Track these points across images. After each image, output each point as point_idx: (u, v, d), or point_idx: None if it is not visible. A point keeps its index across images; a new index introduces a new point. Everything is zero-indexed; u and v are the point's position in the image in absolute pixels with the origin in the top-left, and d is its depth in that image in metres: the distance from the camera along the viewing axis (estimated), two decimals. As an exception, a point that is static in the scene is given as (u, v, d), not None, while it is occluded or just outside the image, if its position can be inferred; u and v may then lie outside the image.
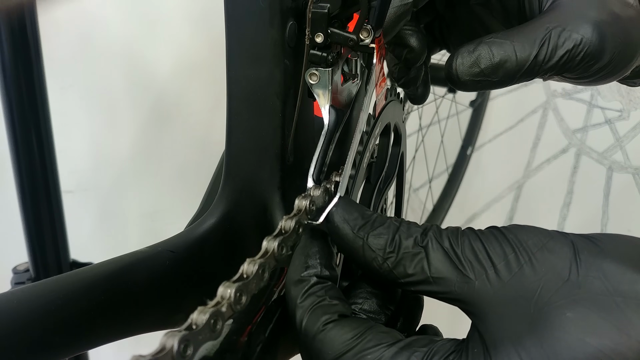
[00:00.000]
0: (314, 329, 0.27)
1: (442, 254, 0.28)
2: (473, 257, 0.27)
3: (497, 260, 0.27)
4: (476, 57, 0.32)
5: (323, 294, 0.29)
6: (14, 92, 0.63)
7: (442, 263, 0.28)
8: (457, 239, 0.28)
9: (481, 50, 0.32)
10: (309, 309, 0.28)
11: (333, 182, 0.34)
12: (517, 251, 0.27)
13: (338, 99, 0.37)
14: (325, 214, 0.32)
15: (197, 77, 1.11)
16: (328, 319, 0.28)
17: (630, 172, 1.07)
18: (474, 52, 0.32)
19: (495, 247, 0.27)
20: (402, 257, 0.28)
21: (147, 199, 1.16)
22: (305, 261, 0.30)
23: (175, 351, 0.22)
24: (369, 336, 0.27)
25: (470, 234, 0.29)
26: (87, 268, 0.33)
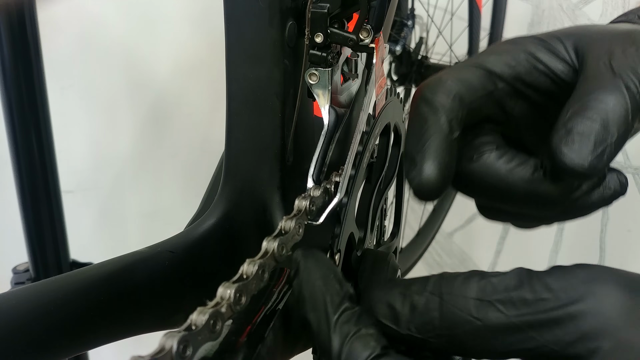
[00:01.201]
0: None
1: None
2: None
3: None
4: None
5: (356, 321, 0.27)
6: (14, 92, 0.63)
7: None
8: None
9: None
10: (347, 342, 0.27)
11: (333, 182, 0.34)
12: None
13: (338, 99, 0.37)
14: (325, 214, 0.32)
15: (197, 77, 1.11)
16: (371, 354, 0.26)
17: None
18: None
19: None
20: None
21: (147, 199, 1.16)
22: (326, 286, 0.28)
23: (174, 352, 0.22)
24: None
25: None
26: (87, 268, 0.33)
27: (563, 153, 0.27)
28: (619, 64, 0.29)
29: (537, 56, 0.32)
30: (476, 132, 0.33)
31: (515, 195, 0.31)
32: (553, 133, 0.28)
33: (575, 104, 0.28)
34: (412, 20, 0.97)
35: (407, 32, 0.94)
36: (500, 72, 0.32)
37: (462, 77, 0.31)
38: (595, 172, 0.27)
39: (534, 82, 0.32)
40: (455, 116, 0.30)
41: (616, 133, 0.27)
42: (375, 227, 0.41)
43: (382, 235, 0.44)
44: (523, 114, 0.33)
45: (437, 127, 0.30)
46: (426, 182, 0.29)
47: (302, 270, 0.29)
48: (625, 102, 0.28)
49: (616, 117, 0.27)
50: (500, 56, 0.32)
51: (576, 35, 0.32)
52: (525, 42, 0.32)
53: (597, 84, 0.28)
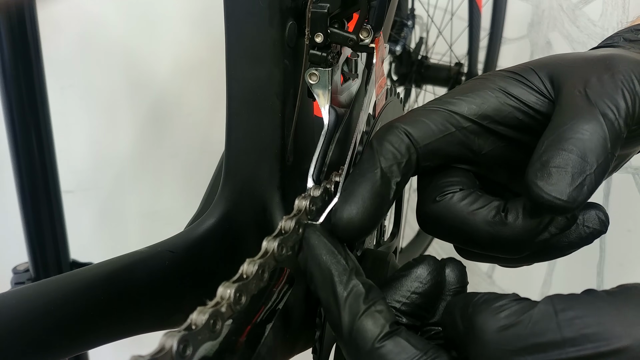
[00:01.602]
0: (369, 345, 0.26)
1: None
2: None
3: None
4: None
5: (365, 298, 0.27)
6: (14, 92, 0.63)
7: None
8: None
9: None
10: (358, 320, 0.27)
11: (333, 182, 0.34)
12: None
13: (338, 99, 0.37)
14: (325, 214, 0.32)
15: (197, 77, 1.11)
16: (380, 332, 0.26)
17: (630, 172, 1.06)
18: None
19: None
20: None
21: (147, 199, 1.16)
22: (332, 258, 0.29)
23: (174, 351, 0.22)
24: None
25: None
26: (86, 268, 0.33)
27: (539, 187, 0.26)
28: (594, 92, 0.28)
29: (509, 91, 0.31)
30: (445, 173, 0.32)
31: (479, 238, 0.30)
32: (528, 168, 0.27)
33: (550, 136, 0.28)
34: (412, 20, 0.97)
35: (407, 32, 0.94)
36: (465, 112, 0.31)
37: (417, 120, 0.31)
38: (576, 204, 0.26)
39: (505, 118, 0.31)
40: (398, 163, 0.30)
41: (595, 163, 0.26)
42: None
43: (382, 235, 0.44)
44: (496, 152, 0.32)
45: (369, 177, 0.30)
46: (342, 223, 0.29)
47: (308, 245, 0.30)
48: (602, 131, 0.27)
49: (594, 147, 0.27)
50: (466, 96, 0.32)
51: (550, 64, 0.32)
52: (495, 78, 0.32)
53: (573, 114, 0.28)
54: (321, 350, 0.33)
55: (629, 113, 0.28)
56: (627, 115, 0.28)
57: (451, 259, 0.33)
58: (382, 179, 0.30)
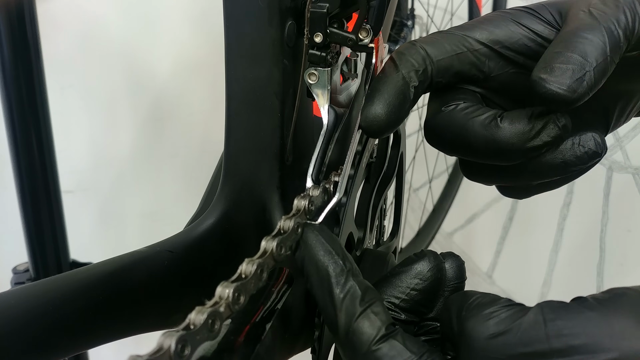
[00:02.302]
0: (365, 348, 0.27)
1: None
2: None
3: None
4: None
5: (361, 299, 0.28)
6: (14, 92, 0.63)
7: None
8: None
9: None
10: (354, 322, 0.27)
11: (332, 182, 0.34)
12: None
13: (337, 99, 0.37)
14: (324, 214, 0.32)
15: (197, 76, 1.11)
16: (376, 334, 0.27)
17: (630, 172, 1.06)
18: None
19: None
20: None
21: (147, 199, 1.16)
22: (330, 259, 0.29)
23: (172, 351, 0.22)
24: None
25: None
26: (86, 268, 0.33)
27: (543, 79, 0.28)
28: (597, 9, 0.31)
29: (520, 20, 0.33)
30: (454, 90, 0.34)
31: (474, 142, 0.32)
32: (535, 67, 0.29)
33: (555, 43, 0.30)
34: (412, 20, 0.97)
35: (407, 32, 0.94)
36: (478, 37, 0.33)
37: (434, 40, 0.34)
38: (576, 96, 0.28)
39: (515, 44, 0.33)
40: (415, 70, 0.32)
41: (594, 62, 0.29)
42: (374, 227, 0.41)
43: (382, 235, 0.44)
44: (504, 77, 0.34)
45: (392, 78, 0.32)
46: (372, 119, 0.31)
47: (306, 245, 0.30)
48: (602, 36, 0.29)
49: (594, 49, 0.29)
50: (480, 24, 0.34)
51: (561, 2, 0.34)
52: (510, 11, 0.34)
53: (577, 26, 0.30)
54: (320, 350, 0.33)
55: (628, 27, 0.30)
56: (626, 28, 0.30)
57: (450, 253, 0.33)
58: (403, 81, 0.32)
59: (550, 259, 1.20)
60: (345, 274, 0.28)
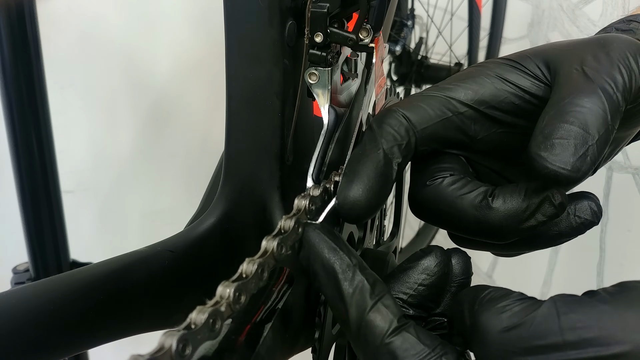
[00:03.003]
0: (378, 341, 0.27)
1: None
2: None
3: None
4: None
5: (371, 293, 0.27)
6: (14, 92, 0.63)
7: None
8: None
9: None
10: (365, 316, 0.27)
11: (333, 182, 0.34)
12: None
13: (337, 99, 0.37)
14: (324, 214, 0.32)
15: (197, 76, 1.11)
16: (389, 327, 0.27)
17: (630, 172, 1.06)
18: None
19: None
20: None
21: (147, 199, 1.16)
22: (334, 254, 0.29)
23: (173, 350, 0.22)
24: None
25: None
26: (86, 268, 0.33)
27: (543, 158, 0.26)
28: (591, 69, 0.29)
29: (505, 77, 0.32)
30: (438, 159, 0.33)
31: (466, 222, 0.31)
32: (531, 142, 0.28)
33: (551, 111, 0.28)
34: (412, 20, 0.97)
35: (407, 32, 0.94)
36: (461, 98, 0.32)
37: (415, 105, 0.32)
38: (580, 174, 0.26)
39: (501, 103, 0.31)
40: (398, 144, 0.31)
41: (597, 134, 0.27)
42: (374, 227, 0.41)
43: (382, 235, 0.44)
44: (492, 137, 0.33)
45: (372, 156, 0.30)
46: (351, 205, 0.30)
47: (309, 244, 0.30)
48: (602, 103, 0.27)
49: (594, 119, 0.27)
50: (463, 82, 0.32)
51: (545, 51, 0.32)
52: (491, 65, 0.32)
53: (572, 89, 0.28)
54: (321, 350, 0.33)
55: (626, 87, 0.28)
56: (624, 90, 0.28)
57: (456, 249, 0.33)
58: (385, 159, 0.30)
59: (550, 259, 1.19)
60: (352, 268, 0.28)
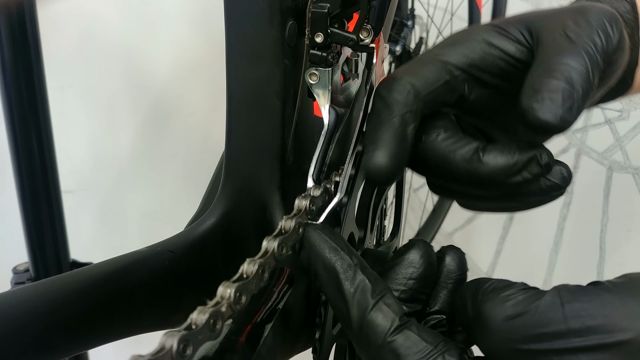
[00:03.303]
0: (380, 340, 0.27)
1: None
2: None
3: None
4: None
5: (372, 292, 0.28)
6: (14, 92, 0.63)
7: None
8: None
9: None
10: (367, 315, 0.27)
11: (333, 182, 0.34)
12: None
13: (338, 99, 0.37)
14: (325, 214, 0.32)
15: (197, 76, 1.11)
16: (390, 326, 0.27)
17: (630, 172, 1.06)
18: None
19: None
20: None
21: (147, 199, 1.16)
22: (336, 253, 0.29)
23: (174, 351, 0.22)
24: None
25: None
26: (86, 268, 0.33)
27: (535, 109, 0.29)
28: (573, 32, 0.31)
29: (491, 41, 0.34)
30: (432, 116, 0.34)
31: (457, 174, 0.32)
32: (522, 96, 0.30)
33: (539, 69, 0.30)
34: (412, 20, 0.97)
35: (407, 32, 0.94)
36: (455, 62, 0.33)
37: (417, 72, 0.33)
38: (566, 124, 0.29)
39: (489, 66, 0.34)
40: (409, 110, 0.32)
41: (580, 89, 0.29)
42: (375, 227, 0.41)
43: (382, 235, 0.44)
44: (480, 99, 0.35)
45: (389, 122, 0.32)
46: (376, 169, 0.31)
47: (310, 244, 0.30)
48: (585, 62, 0.30)
49: (578, 76, 0.29)
50: (455, 47, 0.34)
51: (528, 18, 0.34)
52: (479, 30, 0.34)
53: (557, 50, 0.31)
54: (321, 350, 0.33)
55: (604, 49, 0.31)
56: (603, 51, 0.31)
57: (451, 246, 0.33)
58: (401, 125, 0.32)
59: (550, 259, 1.20)
60: (353, 268, 0.29)
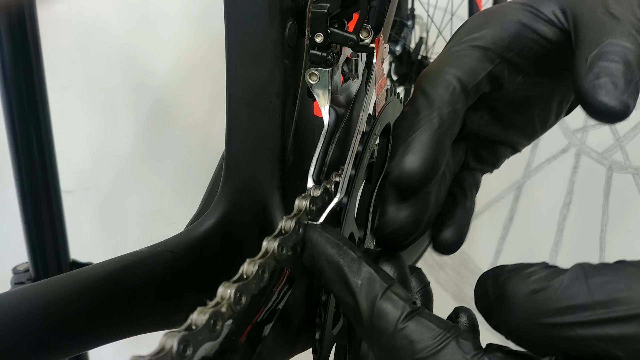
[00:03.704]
0: (391, 328, 0.27)
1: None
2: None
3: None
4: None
5: (380, 282, 0.28)
6: (14, 92, 0.63)
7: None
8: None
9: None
10: (376, 304, 0.27)
11: (333, 182, 0.34)
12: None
13: (338, 99, 0.37)
14: (325, 214, 0.32)
15: (197, 77, 1.11)
16: (401, 313, 0.27)
17: (630, 172, 1.06)
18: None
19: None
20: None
21: (147, 199, 1.16)
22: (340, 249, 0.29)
23: (174, 351, 0.22)
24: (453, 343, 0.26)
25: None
26: (87, 268, 0.33)
27: (599, 94, 0.28)
28: (616, 10, 0.30)
29: (525, 22, 0.32)
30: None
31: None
32: (580, 82, 0.28)
33: (591, 50, 0.29)
34: (412, 20, 0.97)
35: (407, 32, 0.94)
36: (495, 48, 0.32)
37: (460, 62, 0.32)
38: (630, 111, 0.28)
39: (523, 50, 0.32)
40: (453, 109, 0.31)
41: (638, 72, 0.28)
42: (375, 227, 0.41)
43: (382, 235, 0.44)
44: (513, 85, 0.34)
45: (428, 121, 0.30)
46: (405, 174, 0.30)
47: (312, 243, 0.30)
48: (638, 42, 0.29)
49: (634, 57, 0.28)
50: (491, 30, 0.32)
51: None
52: (513, 11, 0.33)
53: (606, 31, 0.29)
54: (321, 351, 0.32)
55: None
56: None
57: (413, 267, 0.34)
58: (441, 126, 0.30)
59: (550, 258, 1.19)
60: (358, 261, 0.29)
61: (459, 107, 0.31)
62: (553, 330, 0.24)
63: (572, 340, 0.24)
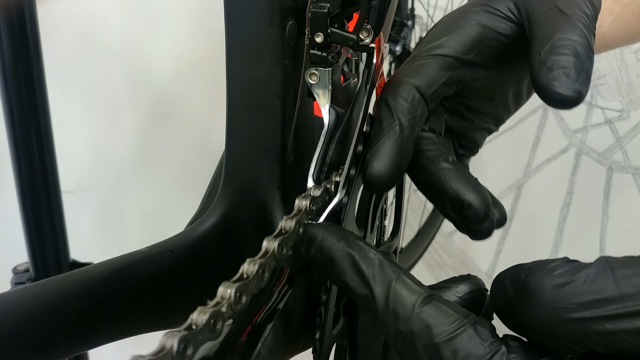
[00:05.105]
0: (408, 312, 0.27)
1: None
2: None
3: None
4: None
5: (392, 268, 0.28)
6: (14, 92, 0.63)
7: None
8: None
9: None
10: (392, 289, 0.27)
11: (333, 182, 0.34)
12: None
13: (338, 99, 0.37)
14: (325, 214, 0.32)
15: (197, 77, 1.11)
16: (418, 297, 0.27)
17: (630, 172, 1.06)
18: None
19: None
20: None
21: (147, 199, 1.16)
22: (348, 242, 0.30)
23: (174, 351, 0.22)
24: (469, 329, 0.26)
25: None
26: (87, 268, 0.33)
27: (554, 86, 0.30)
28: (564, 6, 0.32)
29: (484, 23, 0.35)
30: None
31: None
32: (536, 74, 0.31)
33: (544, 46, 0.31)
34: (412, 20, 0.97)
35: (407, 32, 0.94)
36: (456, 54, 0.34)
37: (419, 72, 0.34)
38: (583, 97, 0.30)
39: (484, 48, 0.35)
40: (414, 116, 0.33)
41: (587, 61, 0.31)
42: (375, 227, 0.41)
43: (382, 235, 0.44)
44: (476, 82, 0.36)
45: (390, 130, 0.33)
46: (373, 177, 0.32)
47: (318, 239, 0.30)
48: (584, 34, 0.31)
49: (583, 49, 0.31)
50: (452, 36, 0.35)
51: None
52: (472, 14, 0.35)
53: (556, 26, 0.32)
54: (321, 351, 0.33)
55: (593, 16, 0.33)
56: (593, 18, 0.33)
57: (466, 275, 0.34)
58: (402, 134, 0.33)
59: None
60: (367, 249, 0.29)
61: (418, 113, 0.34)
62: (580, 325, 0.24)
63: (600, 335, 0.23)
